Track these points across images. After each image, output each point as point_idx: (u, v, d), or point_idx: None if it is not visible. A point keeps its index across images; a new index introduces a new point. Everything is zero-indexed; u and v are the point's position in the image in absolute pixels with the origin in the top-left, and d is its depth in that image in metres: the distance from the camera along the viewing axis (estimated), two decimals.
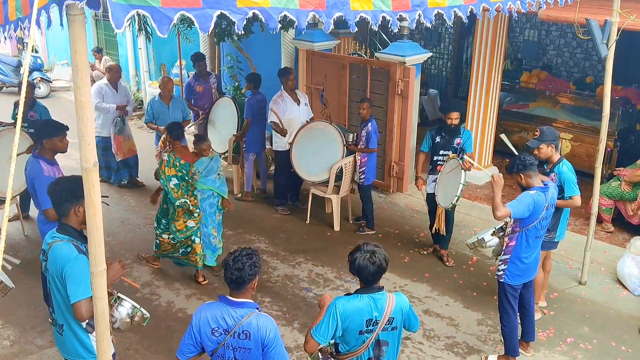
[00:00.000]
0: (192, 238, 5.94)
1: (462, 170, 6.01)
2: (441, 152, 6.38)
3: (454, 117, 6.21)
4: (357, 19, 3.56)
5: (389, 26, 3.76)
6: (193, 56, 8.60)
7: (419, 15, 3.90)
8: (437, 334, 5.44)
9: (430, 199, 6.62)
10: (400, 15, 3.84)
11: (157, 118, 7.97)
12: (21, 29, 2.73)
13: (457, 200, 6.12)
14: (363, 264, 3.26)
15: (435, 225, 6.58)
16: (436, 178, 6.41)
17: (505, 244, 4.75)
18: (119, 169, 8.57)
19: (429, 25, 4.01)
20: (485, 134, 8.48)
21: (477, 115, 8.41)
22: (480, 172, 8.61)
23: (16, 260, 4.41)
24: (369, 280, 3.30)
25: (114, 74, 8.32)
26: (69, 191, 3.46)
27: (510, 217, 4.46)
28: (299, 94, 7.72)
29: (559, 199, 5.09)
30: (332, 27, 3.44)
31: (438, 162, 6.42)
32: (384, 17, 3.70)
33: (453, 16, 4.15)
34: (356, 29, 3.64)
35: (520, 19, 11.31)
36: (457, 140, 6.28)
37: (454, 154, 6.24)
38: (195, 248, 5.97)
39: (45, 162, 4.95)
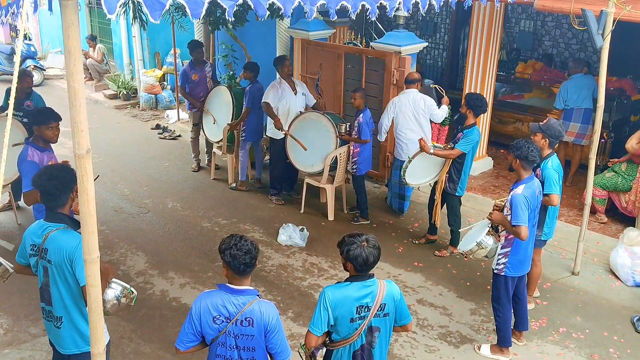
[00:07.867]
0: None
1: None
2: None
3: (463, 105, 6.16)
4: (338, 7, 3.71)
5: (367, 14, 3.92)
6: (190, 43, 8.52)
7: (399, 4, 4.05)
8: (431, 323, 5.46)
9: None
10: (380, 4, 3.99)
11: None
12: (12, 14, 2.72)
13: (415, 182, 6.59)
14: (364, 251, 3.22)
15: (433, 217, 6.64)
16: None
17: (504, 238, 4.75)
18: None
19: (406, 14, 4.18)
20: (479, 125, 8.45)
21: None
22: (475, 163, 8.61)
23: (9, 246, 4.37)
24: (363, 268, 3.27)
25: None
26: (66, 181, 3.44)
27: (526, 229, 4.50)
28: (296, 83, 7.64)
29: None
30: (315, 14, 3.65)
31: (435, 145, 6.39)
32: (363, 6, 3.86)
33: (427, 5, 4.31)
34: (335, 17, 3.82)
35: (515, 9, 11.28)
36: (459, 134, 6.21)
37: (449, 145, 6.26)
38: None
39: (35, 148, 4.92)
